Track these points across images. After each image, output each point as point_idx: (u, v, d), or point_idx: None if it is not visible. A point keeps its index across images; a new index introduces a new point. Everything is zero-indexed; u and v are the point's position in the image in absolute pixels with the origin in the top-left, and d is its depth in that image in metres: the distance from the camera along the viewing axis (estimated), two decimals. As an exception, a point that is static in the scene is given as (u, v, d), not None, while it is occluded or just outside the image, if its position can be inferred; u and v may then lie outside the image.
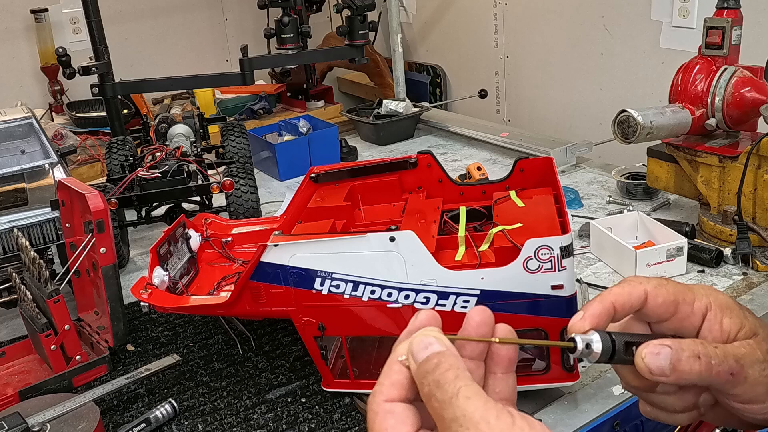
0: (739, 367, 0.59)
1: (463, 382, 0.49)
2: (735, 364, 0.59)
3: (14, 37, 2.85)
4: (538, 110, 2.83)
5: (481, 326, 0.55)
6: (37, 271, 1.26)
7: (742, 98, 1.53)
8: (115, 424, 1.16)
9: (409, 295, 1.03)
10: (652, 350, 0.59)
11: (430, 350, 0.51)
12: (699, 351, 0.59)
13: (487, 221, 1.25)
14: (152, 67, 2.79)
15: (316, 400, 1.17)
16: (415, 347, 0.52)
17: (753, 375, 0.59)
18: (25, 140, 1.51)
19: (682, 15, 2.17)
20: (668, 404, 0.64)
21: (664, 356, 0.58)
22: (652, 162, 1.72)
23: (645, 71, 2.35)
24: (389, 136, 2.51)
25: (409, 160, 1.33)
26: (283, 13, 2.05)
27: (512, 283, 0.98)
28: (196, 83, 2.35)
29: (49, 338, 1.24)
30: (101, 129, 2.56)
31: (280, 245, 1.06)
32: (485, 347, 0.55)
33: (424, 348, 0.51)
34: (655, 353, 0.58)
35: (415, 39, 3.35)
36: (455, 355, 0.51)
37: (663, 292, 0.62)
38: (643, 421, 1.11)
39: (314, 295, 1.07)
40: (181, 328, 1.41)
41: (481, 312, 0.56)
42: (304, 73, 2.86)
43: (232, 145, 1.91)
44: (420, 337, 0.52)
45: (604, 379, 1.16)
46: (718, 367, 0.59)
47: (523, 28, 2.79)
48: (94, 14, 2.05)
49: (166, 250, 1.28)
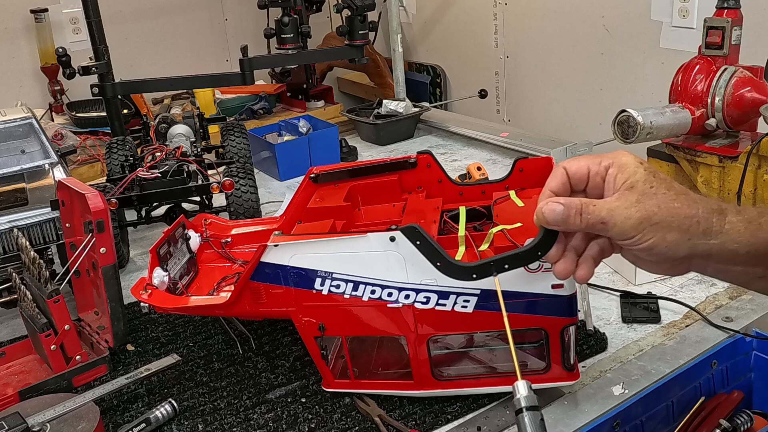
0: (609, 216, 0.77)
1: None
2: (606, 214, 0.78)
3: (14, 37, 2.85)
4: (538, 110, 2.83)
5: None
6: (37, 271, 1.26)
7: (742, 98, 1.53)
8: (115, 424, 1.16)
9: (409, 294, 1.03)
10: (551, 206, 0.80)
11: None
12: (581, 209, 0.79)
13: (486, 221, 1.25)
14: (152, 67, 2.80)
15: (316, 400, 1.17)
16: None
17: (620, 218, 0.77)
18: (25, 140, 1.51)
19: (682, 15, 2.17)
20: (576, 246, 0.84)
21: (558, 211, 0.79)
22: (652, 162, 1.72)
23: (645, 71, 2.35)
24: (389, 136, 2.51)
25: (408, 160, 1.33)
26: (283, 13, 2.05)
27: (512, 283, 0.98)
28: (196, 83, 2.36)
29: (49, 338, 1.24)
30: (101, 129, 2.57)
31: (280, 245, 1.06)
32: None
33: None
34: (551, 209, 0.80)
35: (415, 39, 3.35)
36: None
37: (575, 163, 0.82)
38: (643, 421, 1.11)
39: (314, 295, 1.07)
40: (181, 328, 1.41)
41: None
42: (304, 73, 2.86)
43: (232, 145, 1.91)
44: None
45: (604, 379, 1.16)
46: (592, 220, 0.78)
47: (523, 28, 2.79)
48: (94, 14, 2.05)
49: (166, 251, 1.28)
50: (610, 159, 0.81)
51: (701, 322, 1.28)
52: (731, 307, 1.32)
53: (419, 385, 1.11)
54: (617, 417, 1.07)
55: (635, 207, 0.77)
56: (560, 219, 0.80)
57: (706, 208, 0.78)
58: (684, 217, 0.77)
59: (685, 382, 1.16)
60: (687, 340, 1.24)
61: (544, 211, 0.80)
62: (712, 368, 1.19)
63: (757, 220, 0.79)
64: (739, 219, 0.78)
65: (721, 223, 0.78)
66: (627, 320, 1.31)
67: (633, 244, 0.78)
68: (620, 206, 0.77)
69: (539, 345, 1.09)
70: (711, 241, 0.78)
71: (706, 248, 0.78)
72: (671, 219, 0.77)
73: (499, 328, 1.04)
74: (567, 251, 0.84)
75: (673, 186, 0.79)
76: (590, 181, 0.82)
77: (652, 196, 0.77)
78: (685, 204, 0.77)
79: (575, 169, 0.82)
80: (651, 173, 0.79)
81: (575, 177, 0.82)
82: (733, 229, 0.78)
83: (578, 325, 1.08)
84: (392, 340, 1.19)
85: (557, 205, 0.79)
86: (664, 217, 0.77)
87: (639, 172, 0.79)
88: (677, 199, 0.78)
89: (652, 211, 0.77)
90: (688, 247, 0.78)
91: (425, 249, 0.98)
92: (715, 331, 1.25)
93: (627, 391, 1.12)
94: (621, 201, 0.78)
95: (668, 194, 0.78)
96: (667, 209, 0.77)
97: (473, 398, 1.13)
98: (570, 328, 1.03)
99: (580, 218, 0.79)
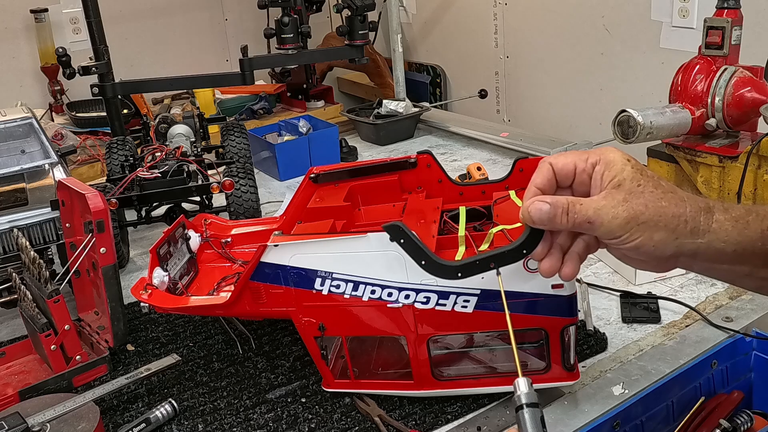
0: (595, 216, 0.77)
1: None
2: (593, 214, 0.77)
3: (14, 37, 2.85)
4: (538, 110, 2.83)
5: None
6: (37, 271, 1.26)
7: (742, 98, 1.53)
8: (115, 424, 1.16)
9: (410, 294, 1.03)
10: (537, 206, 0.79)
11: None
12: (567, 208, 0.78)
13: (486, 221, 1.25)
14: (152, 67, 2.80)
15: (316, 400, 1.17)
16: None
17: (606, 218, 0.77)
18: (25, 140, 1.51)
19: (682, 15, 2.17)
20: (562, 243, 0.84)
21: (544, 211, 0.79)
22: (652, 162, 1.72)
23: (645, 71, 2.35)
24: (389, 136, 2.51)
25: (408, 160, 1.32)
26: (283, 13, 2.05)
27: (512, 283, 0.98)
28: (196, 83, 2.35)
29: (49, 338, 1.24)
30: (101, 129, 2.56)
31: (280, 245, 1.06)
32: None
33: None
34: (538, 208, 0.79)
35: (415, 39, 3.35)
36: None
37: (561, 159, 0.81)
38: (643, 421, 1.11)
39: (314, 295, 1.07)
40: (181, 328, 1.41)
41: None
42: (304, 73, 2.86)
43: (232, 145, 1.91)
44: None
45: (604, 379, 1.16)
46: (578, 219, 0.78)
47: (523, 28, 2.79)
48: (94, 14, 2.05)
49: (166, 251, 1.28)
50: (596, 156, 0.80)
51: (701, 322, 1.28)
52: (731, 307, 1.32)
53: (419, 385, 1.11)
54: (617, 417, 1.07)
55: (622, 206, 0.76)
56: (546, 218, 0.79)
57: (694, 206, 0.78)
58: (671, 217, 0.77)
59: (685, 382, 1.16)
60: (687, 340, 1.24)
61: (531, 210, 0.80)
62: (712, 368, 1.19)
63: (744, 218, 0.79)
64: (726, 217, 0.78)
65: (709, 221, 0.78)
66: (627, 320, 1.31)
67: (620, 243, 0.78)
68: (607, 205, 0.77)
69: (539, 345, 1.09)
70: (698, 240, 0.78)
71: (693, 247, 0.78)
72: (658, 218, 0.76)
73: (499, 328, 1.04)
74: (552, 248, 0.84)
75: (660, 184, 0.78)
76: (576, 177, 0.81)
77: (640, 195, 0.77)
78: (672, 203, 0.77)
79: (561, 166, 0.81)
80: (638, 171, 0.78)
81: (561, 173, 0.81)
82: (720, 228, 0.78)
83: (578, 325, 1.08)
84: (392, 340, 1.19)
85: (543, 204, 0.79)
86: (651, 216, 0.76)
87: (626, 170, 0.78)
88: (664, 197, 0.77)
89: (640, 211, 0.76)
90: (675, 246, 0.78)
91: (409, 247, 0.97)
92: (715, 331, 1.25)
93: (627, 391, 1.12)
94: (608, 200, 0.77)
95: (656, 192, 0.77)
96: (655, 208, 0.76)
97: (473, 398, 1.13)
98: (570, 328, 1.03)
99: (566, 218, 0.78)
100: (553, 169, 0.81)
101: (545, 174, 0.82)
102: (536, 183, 0.82)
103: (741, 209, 0.80)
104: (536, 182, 0.82)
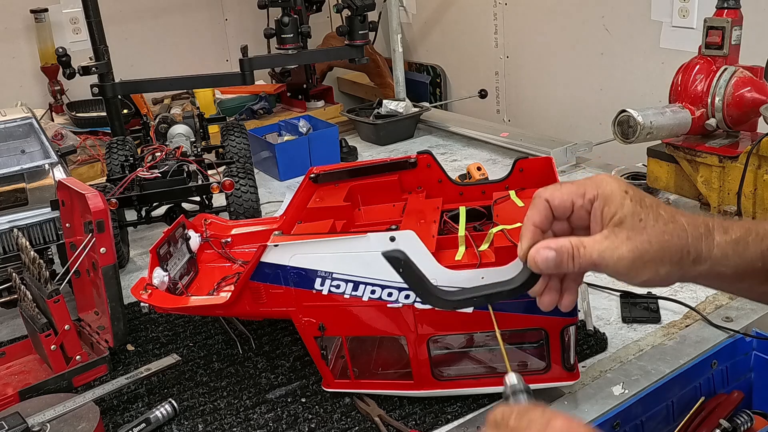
0: (600, 259, 0.76)
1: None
2: (597, 257, 0.76)
3: (14, 37, 2.85)
4: (538, 110, 2.83)
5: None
6: (37, 271, 1.26)
7: (742, 98, 1.53)
8: (115, 424, 1.16)
9: (410, 294, 1.03)
10: (543, 255, 0.78)
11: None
12: (572, 253, 0.77)
13: (486, 221, 1.25)
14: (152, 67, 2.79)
15: (316, 400, 1.17)
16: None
17: (612, 260, 0.76)
18: (25, 140, 1.51)
19: (682, 15, 2.17)
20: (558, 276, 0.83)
21: (551, 259, 0.78)
22: (652, 162, 1.72)
23: (645, 71, 2.35)
24: (389, 136, 2.51)
25: (408, 160, 1.33)
26: (283, 13, 2.05)
27: (512, 283, 0.98)
28: (196, 83, 2.35)
29: (49, 338, 1.24)
30: (101, 129, 2.56)
31: (280, 245, 1.06)
32: None
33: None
34: (544, 258, 0.78)
35: (415, 39, 3.35)
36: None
37: (557, 195, 0.80)
38: (643, 421, 1.11)
39: (314, 295, 1.07)
40: (181, 328, 1.41)
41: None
42: (304, 73, 2.86)
43: (232, 145, 1.91)
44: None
45: (604, 379, 1.16)
46: (584, 263, 0.77)
47: (523, 28, 2.79)
48: (94, 14, 2.05)
49: (166, 251, 1.28)
50: (594, 190, 0.79)
51: (701, 322, 1.28)
52: (731, 307, 1.32)
53: (419, 385, 1.11)
54: (617, 417, 1.07)
55: (626, 246, 0.76)
56: (553, 266, 0.78)
57: (695, 233, 0.77)
58: (675, 251, 0.76)
59: (685, 382, 1.16)
60: (687, 340, 1.24)
61: (538, 261, 0.78)
62: (712, 368, 1.19)
63: (744, 240, 0.79)
64: (726, 240, 0.78)
65: (710, 247, 0.78)
66: (627, 320, 1.31)
67: (627, 280, 0.78)
68: (610, 246, 0.76)
69: (539, 345, 1.10)
70: (700, 267, 0.78)
71: (695, 273, 0.79)
72: (663, 254, 0.76)
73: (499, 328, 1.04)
74: (550, 282, 0.83)
75: (660, 214, 0.77)
76: (574, 213, 0.80)
77: (642, 231, 0.76)
78: (675, 235, 0.77)
79: (558, 203, 0.80)
80: (637, 202, 0.77)
81: (558, 210, 0.80)
82: (721, 254, 0.78)
83: (578, 325, 1.08)
84: (392, 340, 1.19)
85: (549, 252, 0.78)
86: (656, 254, 0.76)
87: (626, 204, 0.77)
88: (666, 230, 0.77)
89: (644, 249, 0.76)
90: (680, 276, 0.78)
91: (408, 277, 0.88)
92: (715, 331, 1.25)
93: (627, 391, 1.12)
94: (611, 240, 0.76)
95: (657, 226, 0.76)
96: (659, 243, 0.76)
97: (473, 398, 1.13)
98: (570, 328, 1.03)
99: (572, 263, 0.78)
100: (549, 206, 0.80)
101: (542, 211, 0.80)
102: (534, 221, 0.80)
103: (740, 229, 0.79)
104: (534, 220, 0.80)
